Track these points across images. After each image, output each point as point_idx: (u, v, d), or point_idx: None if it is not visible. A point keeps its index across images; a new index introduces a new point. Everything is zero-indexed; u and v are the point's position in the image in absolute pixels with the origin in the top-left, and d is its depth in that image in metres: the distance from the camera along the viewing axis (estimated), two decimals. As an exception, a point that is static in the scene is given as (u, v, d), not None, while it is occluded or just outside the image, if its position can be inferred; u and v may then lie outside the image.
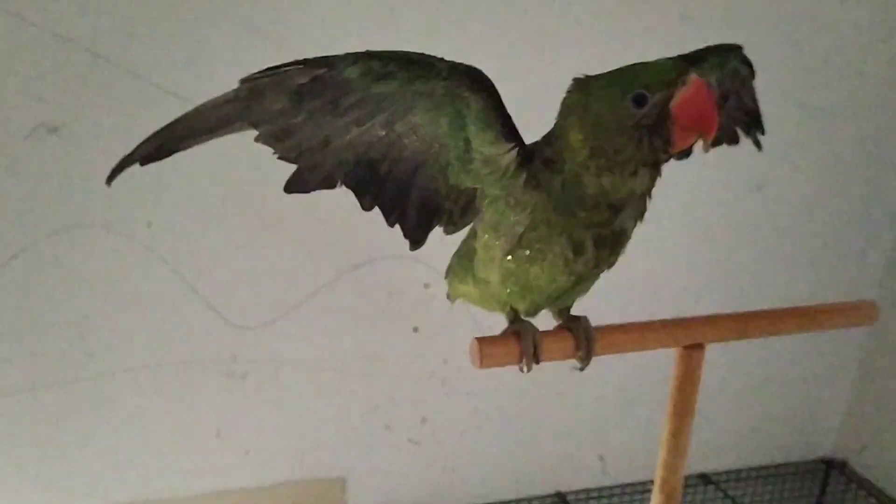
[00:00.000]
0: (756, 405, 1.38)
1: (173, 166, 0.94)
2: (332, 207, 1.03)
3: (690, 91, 0.49)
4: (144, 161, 0.52)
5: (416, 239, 0.58)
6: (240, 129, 0.52)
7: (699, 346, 0.68)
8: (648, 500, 1.34)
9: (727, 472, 1.36)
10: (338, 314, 1.06)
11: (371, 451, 1.14)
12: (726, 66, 0.65)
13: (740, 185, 1.21)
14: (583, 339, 0.61)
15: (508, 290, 0.59)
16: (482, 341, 0.60)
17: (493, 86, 0.52)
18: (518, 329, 0.60)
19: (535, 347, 0.59)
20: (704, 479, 1.33)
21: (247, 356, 1.04)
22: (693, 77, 0.49)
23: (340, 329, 1.07)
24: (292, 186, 0.55)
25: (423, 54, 0.51)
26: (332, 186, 0.55)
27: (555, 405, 1.23)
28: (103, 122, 0.90)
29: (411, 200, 0.56)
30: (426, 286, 1.08)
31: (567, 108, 0.53)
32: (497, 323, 0.80)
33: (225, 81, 0.93)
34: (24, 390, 0.96)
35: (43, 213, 0.91)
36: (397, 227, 0.57)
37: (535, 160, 0.54)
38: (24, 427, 0.97)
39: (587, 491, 1.28)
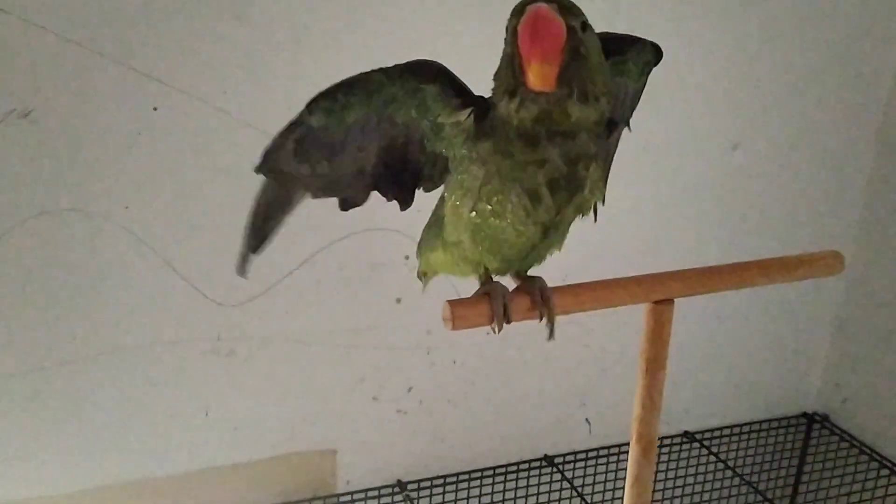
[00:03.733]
0: (737, 364, 1.40)
1: (146, 150, 0.95)
2: (310, 183, 1.03)
3: (525, 18, 0.49)
4: (256, 251, 0.61)
5: (405, 200, 0.63)
6: (302, 197, 0.60)
7: (668, 302, 0.70)
8: (635, 460, 1.37)
9: (711, 430, 1.39)
10: (320, 288, 1.08)
11: (360, 423, 1.16)
12: (640, 60, 0.66)
13: (716, 144, 1.22)
14: (538, 298, 0.62)
15: (480, 248, 0.60)
16: (454, 304, 0.61)
17: (443, 69, 0.57)
18: (488, 290, 0.61)
19: (506, 308, 0.60)
20: (689, 437, 1.36)
21: (232, 334, 1.05)
22: (532, 6, 0.49)
23: (323, 303, 1.08)
24: (347, 206, 0.63)
25: (360, 75, 0.56)
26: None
27: (539, 371, 1.25)
28: (75, 106, 0.90)
29: (400, 172, 0.62)
30: (406, 258, 1.09)
31: None
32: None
33: (199, 64, 0.93)
34: (8, 375, 0.97)
35: (19, 198, 0.91)
36: (375, 199, 0.63)
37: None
38: (8, 410, 0.98)
39: (574, 453, 1.31)
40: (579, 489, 1.27)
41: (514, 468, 1.27)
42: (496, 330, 0.61)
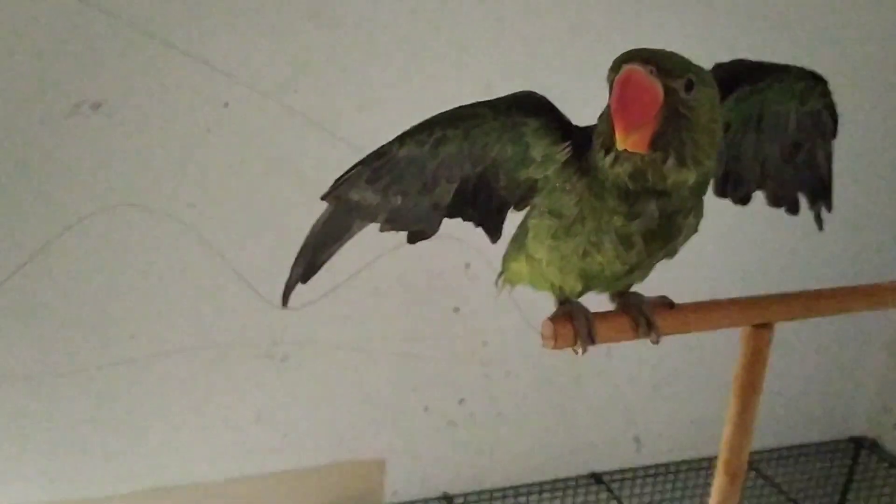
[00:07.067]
0: (787, 386, 1.37)
1: (214, 148, 0.93)
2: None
3: (618, 79, 0.46)
4: (304, 279, 0.59)
5: (495, 231, 0.61)
6: (361, 227, 0.58)
7: (768, 325, 0.68)
8: (682, 479, 1.34)
9: (759, 452, 1.36)
10: (378, 295, 1.05)
11: (410, 433, 1.14)
12: (807, 102, 0.62)
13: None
14: (639, 316, 0.60)
15: (560, 272, 0.59)
16: (556, 322, 0.59)
17: (546, 102, 0.55)
18: (569, 311, 0.59)
19: (589, 328, 0.58)
20: (738, 458, 1.33)
21: (288, 338, 1.03)
22: (627, 66, 0.46)
23: (380, 310, 1.06)
24: (416, 239, 0.60)
25: (466, 108, 0.54)
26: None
27: (591, 386, 1.23)
28: (146, 99, 0.89)
29: (486, 201, 0.59)
30: (467, 266, 1.07)
31: None
32: (538, 306, 0.78)
33: (273, 60, 0.91)
34: (65, 373, 0.95)
35: (85, 192, 0.89)
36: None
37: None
38: (64, 410, 0.96)
39: (622, 471, 1.28)
40: (627, 508, 1.25)
41: (562, 484, 1.24)
42: (580, 351, 0.59)
